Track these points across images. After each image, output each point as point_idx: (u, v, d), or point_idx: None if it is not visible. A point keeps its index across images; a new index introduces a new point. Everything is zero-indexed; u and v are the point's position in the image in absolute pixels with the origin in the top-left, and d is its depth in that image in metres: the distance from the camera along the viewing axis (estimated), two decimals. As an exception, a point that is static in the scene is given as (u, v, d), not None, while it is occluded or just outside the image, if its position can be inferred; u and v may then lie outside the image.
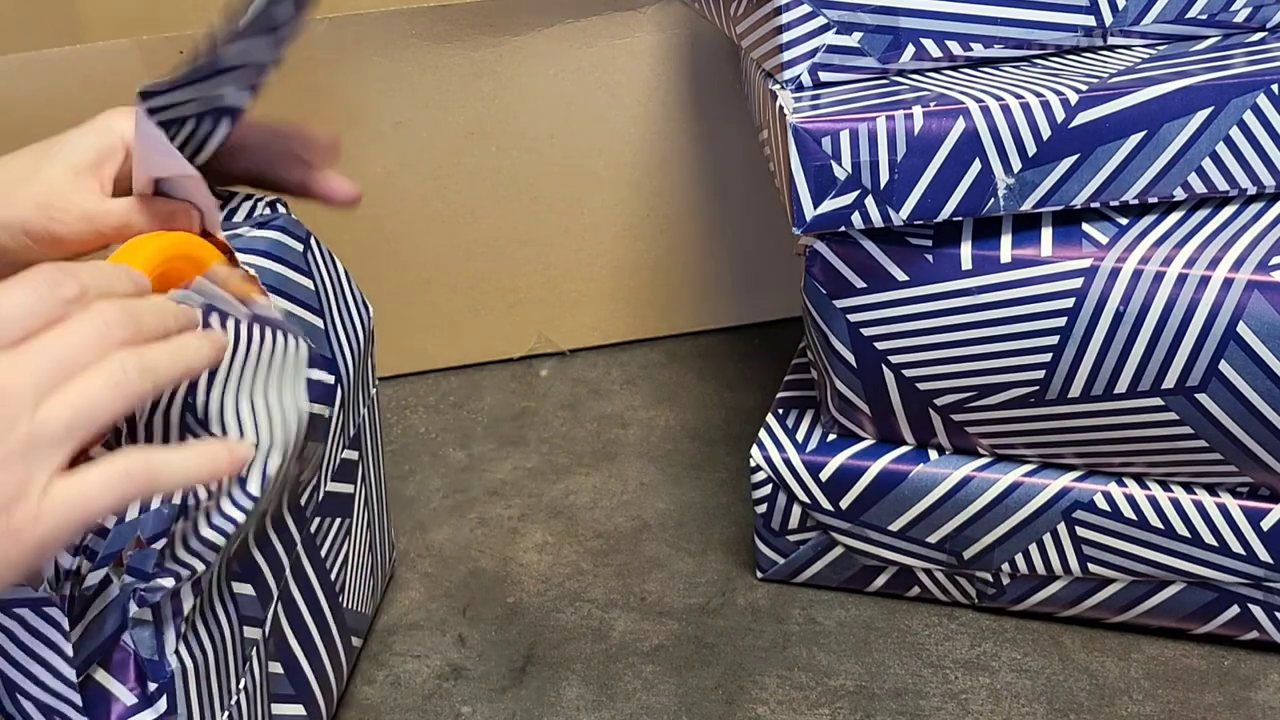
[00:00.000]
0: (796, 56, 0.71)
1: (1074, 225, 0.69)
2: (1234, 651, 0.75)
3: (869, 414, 0.75)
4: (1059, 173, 0.67)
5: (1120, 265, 0.67)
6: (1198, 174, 0.67)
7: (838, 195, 0.67)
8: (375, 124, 0.99)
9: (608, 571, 0.84)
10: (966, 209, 0.68)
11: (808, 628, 0.79)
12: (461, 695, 0.76)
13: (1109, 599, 0.75)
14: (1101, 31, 0.72)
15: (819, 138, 0.66)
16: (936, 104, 0.66)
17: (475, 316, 1.06)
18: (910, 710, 0.73)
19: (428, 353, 1.07)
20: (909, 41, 0.71)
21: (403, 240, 1.03)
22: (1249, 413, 0.67)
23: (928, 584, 0.79)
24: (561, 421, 0.99)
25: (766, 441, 0.78)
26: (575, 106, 1.00)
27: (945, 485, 0.74)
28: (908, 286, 0.70)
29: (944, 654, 0.76)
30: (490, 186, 1.02)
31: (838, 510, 0.77)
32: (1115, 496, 0.72)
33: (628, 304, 1.08)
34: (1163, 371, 0.67)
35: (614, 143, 1.02)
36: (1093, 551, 0.73)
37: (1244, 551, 0.71)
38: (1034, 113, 0.66)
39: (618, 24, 0.98)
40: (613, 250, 1.06)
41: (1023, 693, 0.73)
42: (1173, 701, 0.72)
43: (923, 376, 0.72)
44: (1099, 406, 0.69)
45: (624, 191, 1.04)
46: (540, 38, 0.98)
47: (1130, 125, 0.66)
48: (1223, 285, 0.65)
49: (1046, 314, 0.68)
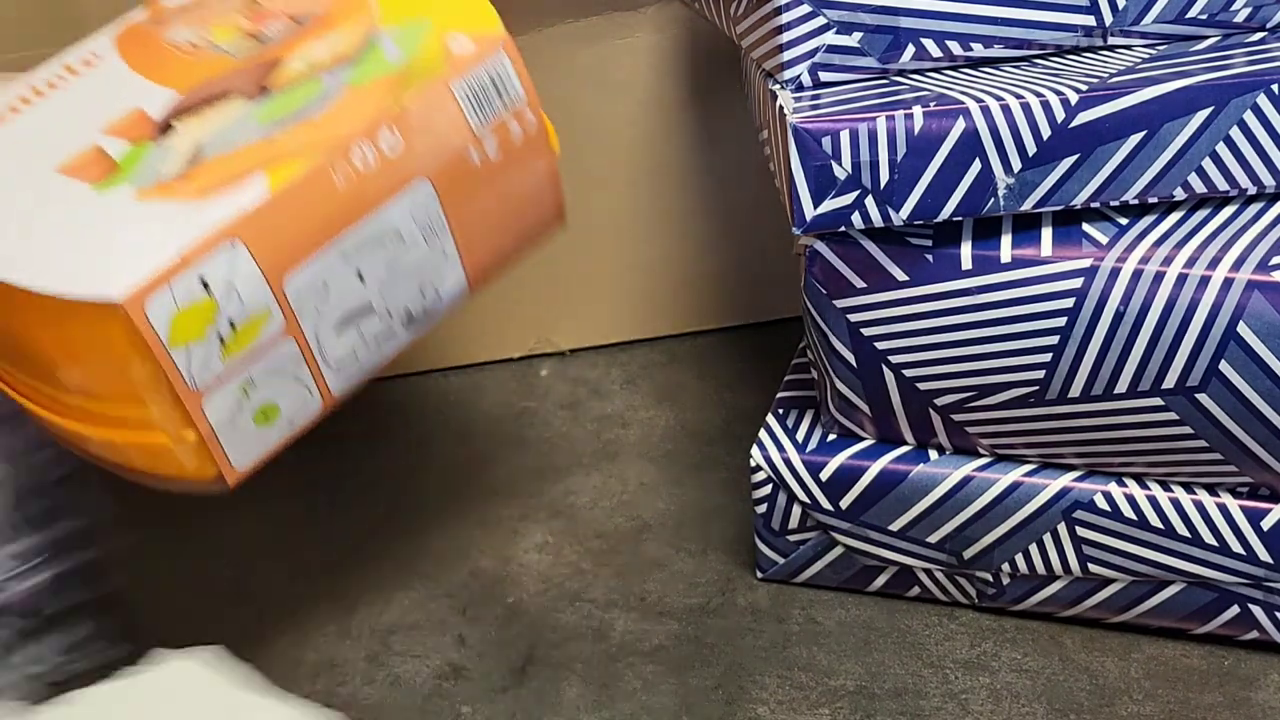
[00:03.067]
0: (796, 56, 0.71)
1: (1074, 225, 0.69)
2: (1234, 651, 0.75)
3: (869, 414, 0.75)
4: (1059, 173, 0.67)
5: (1120, 265, 0.67)
6: (1198, 174, 0.67)
7: (838, 195, 0.67)
8: (375, 124, 0.99)
9: (608, 571, 0.84)
10: (966, 209, 0.68)
11: (808, 628, 0.79)
12: (461, 695, 0.76)
13: (1109, 599, 0.75)
14: (1101, 31, 0.72)
15: (819, 138, 0.66)
16: (936, 104, 0.66)
17: (475, 316, 1.06)
18: (910, 710, 0.73)
19: (428, 353, 1.07)
20: (909, 41, 0.71)
21: (403, 240, 1.02)
22: (1249, 413, 0.67)
23: (928, 584, 0.79)
24: (561, 421, 0.99)
25: (766, 441, 0.78)
26: (575, 106, 1.00)
27: (945, 485, 0.74)
28: (908, 286, 0.70)
29: (944, 654, 0.76)
30: (490, 186, 1.02)
31: (838, 510, 0.77)
32: (1115, 496, 0.72)
33: (628, 304, 1.08)
34: (1163, 371, 0.67)
35: (614, 143, 1.02)
36: (1093, 551, 0.73)
37: (1244, 551, 0.71)
38: (1034, 113, 0.66)
39: (618, 24, 0.98)
40: (613, 250, 1.06)
41: (1023, 693, 0.73)
42: (1173, 701, 0.72)
43: (923, 376, 0.72)
44: (1099, 406, 0.69)
45: (624, 191, 1.04)
46: (540, 38, 0.98)
47: (1130, 125, 0.66)
48: (1223, 285, 0.65)
49: (1046, 314, 0.68)
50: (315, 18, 0.64)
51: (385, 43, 0.62)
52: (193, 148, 0.59)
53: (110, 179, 0.58)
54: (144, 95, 0.62)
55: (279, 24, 0.64)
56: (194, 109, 0.61)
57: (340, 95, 0.60)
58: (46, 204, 0.58)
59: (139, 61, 0.64)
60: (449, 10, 0.63)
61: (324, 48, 0.62)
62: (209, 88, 0.61)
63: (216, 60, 0.63)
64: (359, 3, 0.64)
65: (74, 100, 0.63)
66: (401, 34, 0.62)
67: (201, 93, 0.61)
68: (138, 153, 0.59)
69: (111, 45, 0.65)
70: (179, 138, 0.59)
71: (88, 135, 0.60)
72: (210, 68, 0.63)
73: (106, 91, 0.63)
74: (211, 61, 0.63)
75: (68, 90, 0.64)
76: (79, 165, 0.59)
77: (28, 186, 0.59)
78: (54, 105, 0.63)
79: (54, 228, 0.57)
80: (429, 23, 0.62)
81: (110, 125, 0.61)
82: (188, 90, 0.62)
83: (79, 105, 0.63)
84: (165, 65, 0.63)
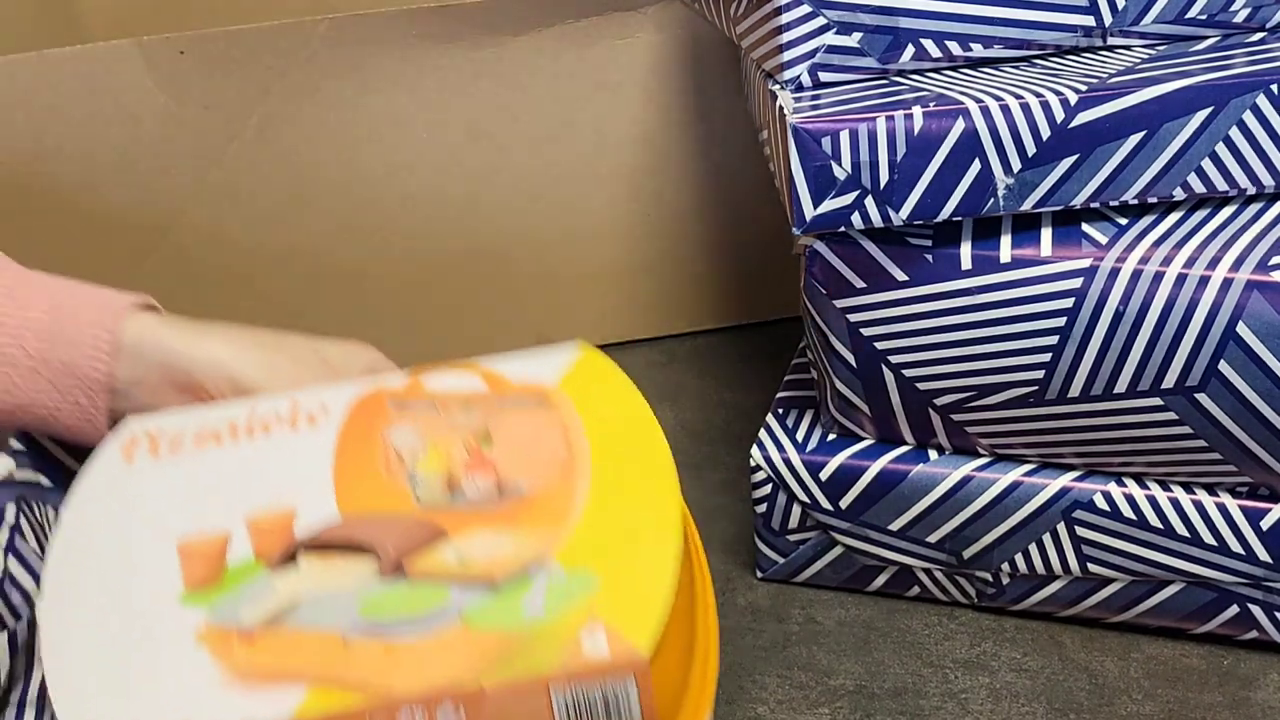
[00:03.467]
0: (796, 56, 0.71)
1: (1074, 225, 0.69)
2: (1233, 651, 0.75)
3: (869, 414, 0.75)
4: (1059, 173, 0.67)
5: (1120, 265, 0.67)
6: (1197, 174, 0.67)
7: (838, 195, 0.67)
8: (375, 124, 0.99)
9: (608, 571, 0.84)
10: (966, 209, 0.68)
11: (808, 627, 0.79)
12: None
13: (1108, 599, 0.75)
14: (1101, 32, 0.72)
15: (819, 138, 0.66)
16: (936, 104, 0.66)
17: (475, 316, 1.06)
18: (910, 710, 0.73)
19: (428, 352, 1.07)
20: (909, 41, 0.71)
21: (403, 240, 1.03)
22: (1248, 413, 0.67)
23: (927, 584, 0.79)
24: (561, 421, 0.99)
25: (766, 441, 0.78)
26: (575, 106, 1.00)
27: (945, 485, 0.74)
28: (908, 286, 0.70)
29: (944, 654, 0.76)
30: (490, 186, 1.02)
31: (837, 510, 0.77)
32: (1115, 496, 0.72)
33: (628, 304, 1.08)
34: (1162, 371, 0.67)
35: (614, 143, 1.02)
36: (1092, 551, 0.73)
37: (1243, 551, 0.71)
38: (1034, 113, 0.66)
39: (618, 24, 0.98)
40: (613, 250, 1.06)
41: (1022, 692, 0.73)
42: (1172, 701, 0.72)
43: (922, 376, 0.72)
44: (1098, 406, 0.69)
45: (624, 191, 1.04)
46: (540, 38, 0.98)
47: (1130, 125, 0.66)
48: (1222, 285, 0.65)
49: (1046, 314, 0.68)
50: (518, 499, 0.56)
51: (539, 583, 0.53)
52: (285, 605, 0.54)
53: (202, 593, 0.54)
54: (313, 496, 0.57)
55: (483, 484, 0.57)
56: (330, 548, 0.55)
57: (445, 627, 0.52)
58: (136, 572, 0.55)
59: (345, 446, 0.59)
60: (623, 582, 0.53)
61: (489, 547, 0.55)
62: (363, 529, 0.56)
63: (399, 494, 0.57)
64: (565, 507, 0.55)
65: (264, 458, 0.59)
66: (561, 583, 0.53)
67: (353, 531, 0.56)
68: (246, 573, 0.55)
69: (346, 409, 0.60)
70: (285, 582, 0.54)
71: (234, 514, 0.56)
72: (387, 500, 0.57)
73: (294, 466, 0.58)
74: (394, 493, 0.57)
75: (269, 441, 0.59)
76: (198, 549, 0.55)
77: (151, 545, 0.56)
78: (246, 453, 0.59)
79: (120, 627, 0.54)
80: (595, 583, 0.53)
81: (257, 517, 0.56)
82: (347, 517, 0.56)
83: (262, 466, 0.58)
84: (358, 466, 0.58)
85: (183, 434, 0.60)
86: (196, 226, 1.00)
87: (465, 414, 0.60)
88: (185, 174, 0.98)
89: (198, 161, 0.98)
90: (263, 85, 0.96)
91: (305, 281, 1.03)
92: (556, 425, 0.58)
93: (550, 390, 0.59)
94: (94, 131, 0.96)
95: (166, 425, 0.60)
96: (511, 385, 0.60)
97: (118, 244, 0.99)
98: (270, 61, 0.95)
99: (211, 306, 1.04)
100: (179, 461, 0.59)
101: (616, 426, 0.58)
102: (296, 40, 0.95)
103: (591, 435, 0.58)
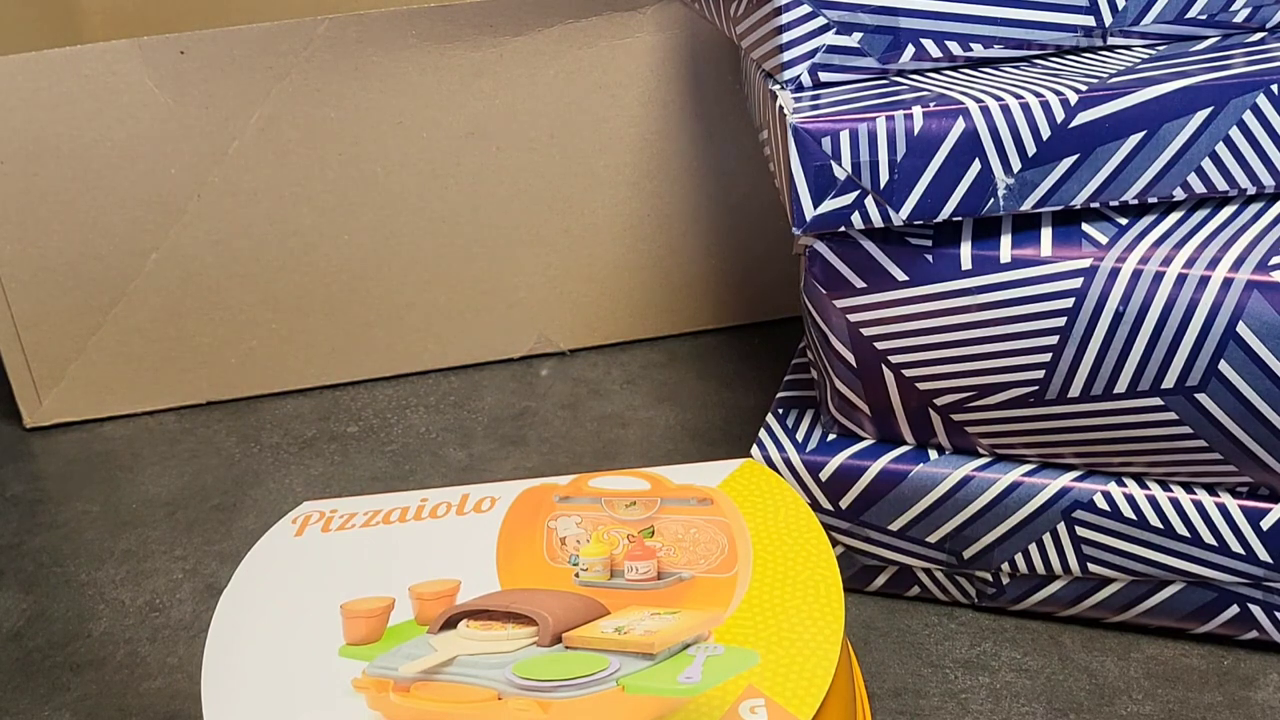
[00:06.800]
0: (796, 56, 0.71)
1: (1074, 225, 0.69)
2: (1234, 651, 0.75)
3: (869, 414, 0.75)
4: (1059, 173, 0.67)
5: (1120, 265, 0.67)
6: (1197, 174, 0.67)
7: (838, 195, 0.67)
8: (375, 124, 0.99)
9: (608, 571, 0.84)
10: (966, 209, 0.68)
11: (808, 627, 0.79)
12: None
13: (1109, 599, 0.75)
14: (1101, 32, 0.72)
15: (819, 138, 0.66)
16: (936, 104, 0.66)
17: (475, 316, 1.06)
18: (910, 710, 0.73)
19: (428, 353, 1.07)
20: (909, 41, 0.71)
21: (403, 240, 1.03)
22: (1249, 413, 0.67)
23: (927, 584, 0.79)
24: (561, 421, 0.99)
25: (766, 441, 0.78)
26: (575, 106, 1.00)
27: (945, 485, 0.74)
28: (908, 286, 0.70)
29: (944, 654, 0.76)
30: (490, 186, 1.02)
31: (837, 510, 0.77)
32: (1115, 496, 0.72)
33: (628, 304, 1.08)
34: (1162, 371, 0.67)
35: (614, 143, 1.02)
36: (1092, 551, 0.73)
37: (1244, 551, 0.71)
38: (1034, 113, 0.66)
39: (618, 24, 0.98)
40: (613, 250, 1.06)
41: (1022, 692, 0.73)
42: (1172, 701, 0.72)
43: (923, 376, 0.72)
44: (1098, 406, 0.69)
45: (624, 191, 1.04)
46: (540, 38, 0.98)
47: (1130, 125, 0.66)
48: (1222, 285, 0.65)
49: (1046, 314, 0.68)
50: (678, 585, 0.57)
51: (699, 659, 0.53)
52: (442, 662, 0.54)
53: (362, 648, 0.55)
54: (476, 571, 0.58)
55: (643, 569, 0.58)
56: (491, 617, 0.56)
57: (601, 690, 0.52)
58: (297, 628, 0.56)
59: (510, 530, 0.60)
60: (784, 660, 0.53)
61: (648, 623, 0.55)
62: (525, 602, 0.56)
63: (561, 575, 0.58)
64: (726, 592, 0.56)
65: (431, 537, 0.60)
66: (721, 659, 0.53)
67: (514, 601, 0.57)
68: (406, 632, 0.56)
69: (513, 497, 0.63)
70: (446, 643, 0.55)
71: (398, 582, 0.58)
72: (549, 579, 0.58)
73: (460, 545, 0.60)
74: (556, 574, 0.58)
75: (438, 523, 0.61)
76: (360, 610, 0.56)
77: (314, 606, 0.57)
78: (414, 532, 0.61)
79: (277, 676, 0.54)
80: (755, 659, 0.53)
81: (421, 586, 0.57)
82: (508, 590, 0.57)
83: (428, 544, 0.60)
84: (522, 548, 0.59)
85: (354, 514, 0.63)
86: (196, 226, 1.00)
87: (628, 509, 0.62)
88: (185, 174, 0.98)
89: (198, 161, 0.98)
90: (263, 85, 0.96)
91: (306, 281, 1.03)
92: (718, 520, 0.60)
93: (712, 490, 0.62)
94: (94, 131, 0.96)
95: (340, 507, 0.63)
96: (674, 486, 0.63)
97: (118, 244, 0.99)
98: (270, 61, 0.95)
99: (212, 307, 1.04)
100: (348, 536, 0.61)
101: (777, 522, 0.60)
102: (296, 40, 0.95)
103: (753, 529, 0.60)
